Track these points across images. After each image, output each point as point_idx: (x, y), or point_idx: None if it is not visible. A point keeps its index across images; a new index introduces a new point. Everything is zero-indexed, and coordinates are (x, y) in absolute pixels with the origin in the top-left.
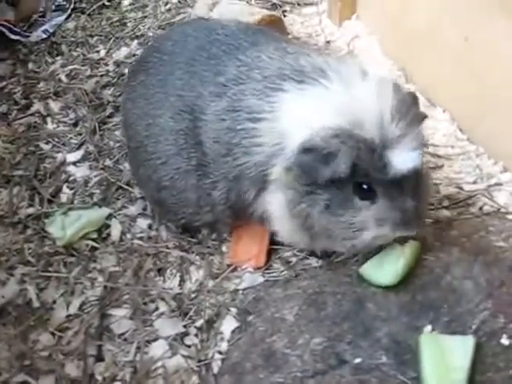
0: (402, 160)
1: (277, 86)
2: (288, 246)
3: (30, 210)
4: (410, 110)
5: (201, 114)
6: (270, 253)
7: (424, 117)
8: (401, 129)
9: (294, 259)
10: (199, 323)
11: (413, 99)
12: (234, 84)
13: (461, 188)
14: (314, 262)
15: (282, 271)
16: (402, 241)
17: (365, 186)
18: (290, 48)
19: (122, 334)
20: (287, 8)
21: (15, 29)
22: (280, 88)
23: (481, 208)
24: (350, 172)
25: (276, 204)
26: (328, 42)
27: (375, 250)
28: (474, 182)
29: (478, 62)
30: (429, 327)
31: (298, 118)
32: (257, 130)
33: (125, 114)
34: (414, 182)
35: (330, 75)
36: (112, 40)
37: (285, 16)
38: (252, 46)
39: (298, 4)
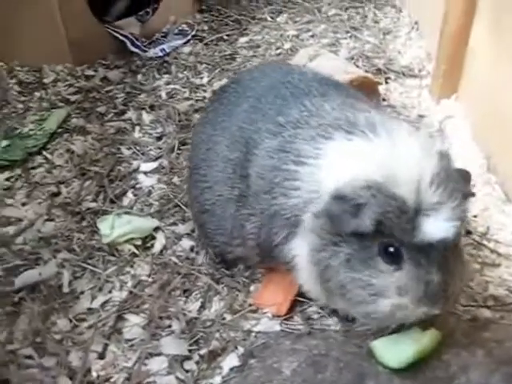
0: (433, 227)
1: (327, 134)
2: (315, 301)
3: (92, 205)
4: (453, 181)
5: (254, 148)
6: (294, 304)
7: (471, 194)
8: (439, 196)
9: (315, 316)
10: (203, 351)
11: (464, 175)
12: (291, 126)
13: (511, 292)
14: (333, 324)
15: (299, 325)
16: (423, 326)
17: (391, 249)
18: (357, 104)
19: (130, 339)
20: (391, 76)
21: (137, 42)
22: (329, 137)
23: None
24: (375, 229)
25: (301, 250)
26: (421, 117)
27: (393, 329)
28: None
29: None
30: None
31: (337, 166)
32: (298, 173)
33: (193, 136)
34: (446, 257)
35: (379, 130)
36: (218, 70)
37: (387, 83)
38: (320, 96)
39: (403, 74)
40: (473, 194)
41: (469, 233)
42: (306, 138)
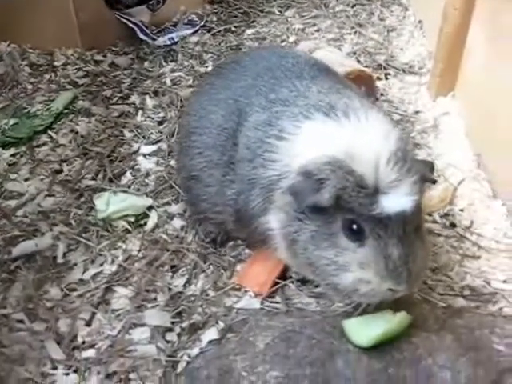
0: (391, 201)
1: (308, 114)
2: (295, 281)
3: (91, 183)
4: (410, 160)
5: (245, 120)
6: (276, 285)
7: (430, 179)
8: (396, 173)
9: (295, 296)
10: (185, 324)
11: (428, 164)
12: (280, 104)
13: (488, 283)
14: (313, 305)
15: (279, 304)
16: (395, 309)
17: (354, 227)
18: (342, 90)
19: (116, 310)
20: (391, 72)
21: (146, 30)
22: (309, 116)
23: (501, 308)
24: (336, 204)
25: (274, 225)
26: (416, 113)
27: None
28: (504, 281)
29: None
30: None
31: (309, 144)
32: (277, 147)
33: (186, 106)
34: (407, 233)
35: (351, 115)
36: (222, 60)
37: (387, 79)
38: (310, 78)
39: (403, 71)
40: (434, 181)
41: (453, 225)
42: (290, 115)
